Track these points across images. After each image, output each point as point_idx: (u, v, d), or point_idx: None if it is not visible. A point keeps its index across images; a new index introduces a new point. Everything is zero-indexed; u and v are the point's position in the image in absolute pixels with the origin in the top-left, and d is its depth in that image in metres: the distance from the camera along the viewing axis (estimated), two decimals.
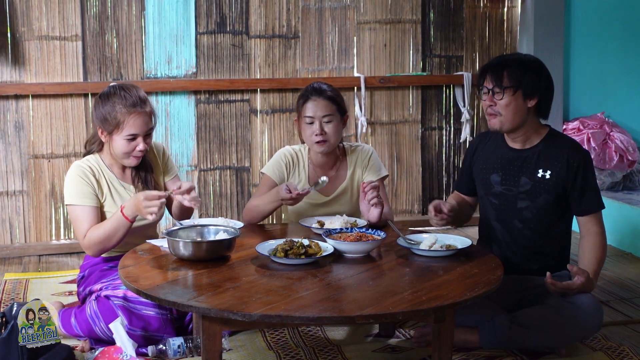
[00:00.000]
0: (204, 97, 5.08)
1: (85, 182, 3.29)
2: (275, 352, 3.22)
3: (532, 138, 3.29)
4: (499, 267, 2.86)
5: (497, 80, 3.19)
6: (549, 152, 3.26)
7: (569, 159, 3.22)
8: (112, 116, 3.25)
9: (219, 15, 5.04)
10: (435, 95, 5.48)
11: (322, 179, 3.43)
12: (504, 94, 3.18)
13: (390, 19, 5.33)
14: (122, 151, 3.28)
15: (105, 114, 3.26)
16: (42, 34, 4.78)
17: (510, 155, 3.32)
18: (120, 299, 3.15)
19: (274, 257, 2.86)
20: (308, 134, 3.52)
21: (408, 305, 2.49)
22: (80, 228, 3.27)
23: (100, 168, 3.37)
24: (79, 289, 3.44)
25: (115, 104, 3.25)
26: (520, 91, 3.18)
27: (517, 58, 3.27)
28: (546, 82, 3.24)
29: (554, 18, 5.48)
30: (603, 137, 5.38)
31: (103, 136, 3.32)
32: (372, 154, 3.67)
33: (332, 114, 3.51)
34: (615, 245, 4.94)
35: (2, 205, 4.84)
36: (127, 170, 3.41)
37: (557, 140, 3.29)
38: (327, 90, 3.55)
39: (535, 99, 3.20)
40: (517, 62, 3.22)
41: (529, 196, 3.27)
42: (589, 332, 3.19)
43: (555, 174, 3.23)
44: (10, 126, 4.80)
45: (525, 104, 3.20)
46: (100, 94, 3.33)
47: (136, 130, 3.26)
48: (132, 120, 3.25)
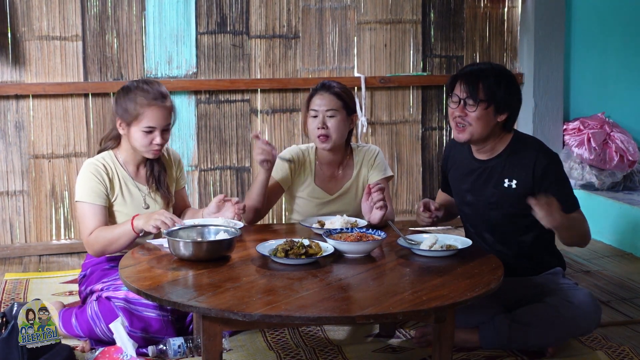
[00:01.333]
0: (205, 97, 5.08)
1: (98, 180, 3.31)
2: (275, 352, 3.22)
3: (496, 147, 3.23)
4: (499, 267, 2.86)
5: (471, 92, 3.11)
6: (513, 160, 3.20)
7: (534, 166, 3.15)
8: (132, 107, 3.27)
9: (219, 15, 5.04)
10: (435, 95, 5.48)
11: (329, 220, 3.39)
12: (477, 106, 3.11)
13: (391, 19, 5.33)
14: (140, 144, 3.30)
15: (126, 104, 3.29)
16: (43, 34, 4.78)
17: (475, 166, 3.29)
18: (121, 300, 3.15)
19: (274, 257, 2.86)
20: (312, 128, 3.54)
21: (408, 305, 2.49)
22: (87, 226, 3.28)
23: (115, 166, 3.38)
24: (81, 288, 3.44)
25: (137, 95, 3.28)
26: (493, 106, 3.12)
27: (492, 69, 3.18)
28: (517, 97, 3.20)
29: (554, 18, 5.48)
30: (603, 137, 5.38)
31: (121, 128, 3.33)
32: (379, 154, 3.68)
33: (337, 110, 3.52)
34: (615, 245, 4.94)
35: (3, 205, 4.84)
36: (142, 169, 3.42)
37: (521, 146, 3.22)
38: (335, 87, 3.57)
39: (506, 115, 3.16)
40: (493, 75, 3.14)
41: (497, 206, 3.24)
42: (587, 329, 3.19)
43: (521, 183, 3.18)
44: (10, 126, 4.80)
45: (494, 119, 3.15)
46: (123, 87, 3.37)
47: (154, 122, 3.27)
48: (151, 112, 3.27)
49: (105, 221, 3.30)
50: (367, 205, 3.37)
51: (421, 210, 3.27)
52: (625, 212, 4.96)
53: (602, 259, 4.69)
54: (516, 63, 5.58)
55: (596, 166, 5.35)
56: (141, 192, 3.41)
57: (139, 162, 3.42)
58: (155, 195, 3.44)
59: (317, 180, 3.61)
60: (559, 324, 3.09)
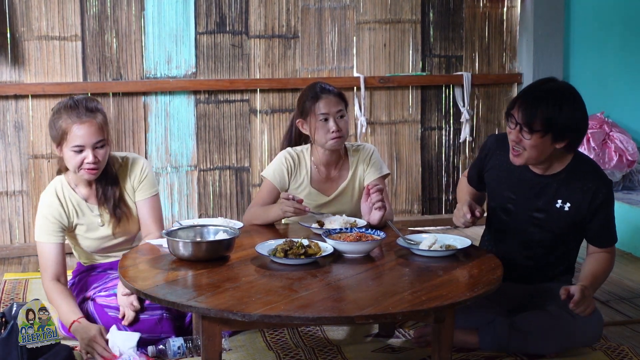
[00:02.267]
0: (204, 97, 5.08)
1: (51, 218, 3.25)
2: (275, 353, 3.22)
3: (554, 165, 3.10)
4: (498, 267, 2.86)
5: (528, 118, 2.93)
6: (571, 183, 3.09)
7: (593, 195, 3.05)
8: (59, 127, 3.16)
9: (218, 15, 5.04)
10: (434, 95, 5.48)
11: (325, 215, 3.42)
12: (532, 135, 2.95)
13: (390, 19, 5.33)
14: (72, 165, 3.18)
15: (55, 125, 3.19)
16: (42, 34, 4.78)
17: (528, 177, 3.15)
18: (114, 310, 3.16)
19: (273, 257, 2.86)
20: (323, 132, 3.53)
21: (408, 305, 2.49)
22: (44, 267, 3.27)
23: (67, 193, 3.31)
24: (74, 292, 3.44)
25: (62, 114, 3.17)
26: (551, 134, 2.95)
27: (553, 93, 2.97)
28: (580, 122, 3.01)
29: (553, 18, 5.48)
30: (602, 137, 5.38)
31: (58, 151, 3.23)
32: (374, 153, 3.68)
33: (343, 109, 3.58)
34: None
35: (2, 205, 4.84)
36: (93, 188, 3.32)
37: (582, 169, 3.10)
38: (334, 88, 3.61)
39: (565, 142, 2.98)
40: (553, 102, 2.93)
41: (542, 222, 3.15)
42: (587, 342, 3.17)
43: (575, 206, 3.09)
44: (10, 126, 4.79)
45: (552, 145, 2.99)
46: (52, 111, 3.27)
47: (81, 141, 3.13)
48: (77, 130, 3.13)
49: (62, 257, 3.27)
50: (366, 206, 3.37)
51: (468, 217, 3.08)
52: (624, 212, 4.96)
53: None
54: (515, 63, 5.58)
55: None
56: (94, 212, 3.33)
57: (87, 184, 3.32)
58: (105, 212, 3.34)
59: (313, 182, 3.61)
60: (558, 335, 3.06)
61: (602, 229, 3.14)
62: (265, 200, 3.57)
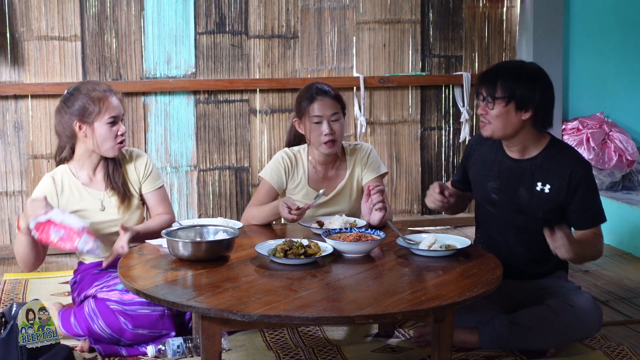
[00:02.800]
0: (204, 97, 5.08)
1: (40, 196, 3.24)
2: (274, 352, 3.22)
3: (530, 148, 3.19)
4: (498, 267, 2.87)
5: (489, 90, 3.09)
6: (548, 165, 3.16)
7: (570, 175, 3.12)
8: (89, 104, 3.27)
9: (218, 15, 5.04)
10: (434, 95, 5.48)
11: (320, 192, 3.44)
12: (494, 104, 3.09)
13: (390, 19, 5.33)
14: (106, 139, 3.29)
15: (82, 104, 3.28)
16: (42, 34, 4.78)
17: (507, 165, 3.24)
18: (114, 303, 3.15)
19: (273, 257, 2.86)
20: (316, 134, 3.52)
21: (407, 305, 2.49)
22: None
23: (63, 177, 3.35)
24: (74, 295, 3.44)
25: (90, 92, 3.29)
26: (513, 103, 3.07)
27: (514, 67, 3.16)
28: (543, 93, 3.11)
29: (553, 18, 5.48)
30: (602, 137, 5.38)
31: (82, 132, 3.29)
32: (371, 152, 3.67)
33: (338, 112, 3.55)
34: (614, 245, 4.94)
35: (2, 205, 4.84)
36: (98, 174, 3.39)
37: (558, 151, 3.19)
38: (331, 90, 3.58)
39: (530, 112, 3.09)
40: (512, 72, 3.10)
41: (526, 207, 3.20)
42: (588, 334, 3.19)
43: (555, 188, 3.15)
44: (9, 126, 4.80)
45: (518, 116, 3.09)
46: (65, 97, 3.34)
47: (116, 112, 3.30)
48: (109, 103, 3.29)
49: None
50: (366, 207, 3.37)
51: (437, 192, 3.19)
52: (624, 212, 4.96)
53: (601, 259, 4.66)
54: None
55: (595, 166, 5.35)
56: (95, 197, 3.37)
57: (94, 166, 3.39)
58: (113, 196, 3.39)
59: (310, 182, 3.61)
60: (558, 327, 3.08)
61: (583, 211, 3.15)
62: (263, 201, 3.57)
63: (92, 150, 3.34)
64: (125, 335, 3.14)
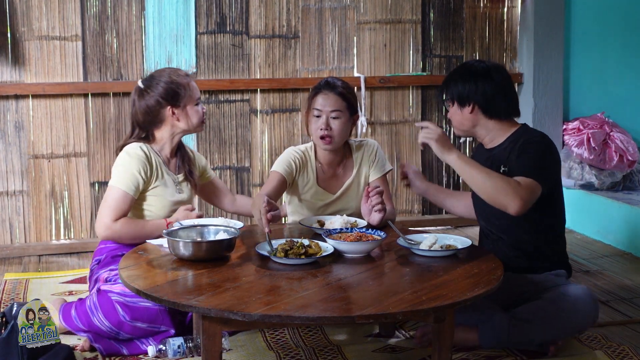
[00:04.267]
0: (204, 97, 5.08)
1: (141, 171, 3.39)
2: (275, 352, 3.23)
3: (497, 137, 3.30)
4: (499, 267, 2.87)
5: (440, 96, 3.43)
6: (512, 149, 3.23)
7: (519, 145, 3.19)
8: (180, 89, 3.47)
9: (219, 15, 5.04)
10: (435, 95, 5.48)
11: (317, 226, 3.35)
12: (445, 108, 3.38)
13: (390, 19, 5.33)
14: (197, 118, 3.53)
15: (174, 89, 3.47)
16: (42, 34, 4.78)
17: (484, 156, 3.34)
18: (117, 294, 3.15)
19: (273, 257, 2.86)
20: (314, 127, 3.50)
21: (408, 305, 2.49)
22: (114, 210, 3.35)
23: (150, 152, 3.48)
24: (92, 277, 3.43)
25: (178, 78, 3.50)
26: (456, 103, 3.30)
27: (456, 70, 3.39)
28: (481, 87, 3.25)
29: (554, 18, 5.48)
30: (603, 137, 5.38)
31: (174, 115, 3.49)
32: (378, 150, 3.66)
33: (341, 111, 3.49)
34: (615, 245, 4.94)
35: (2, 205, 4.85)
36: (172, 160, 3.58)
37: (523, 135, 3.25)
38: (340, 86, 3.52)
39: (471, 106, 3.26)
40: (452, 76, 3.34)
41: None
42: (586, 324, 3.21)
43: (510, 166, 3.19)
44: (10, 126, 4.80)
45: (465, 112, 3.28)
46: (146, 85, 3.49)
47: (198, 94, 3.57)
48: (192, 86, 3.53)
49: (127, 212, 3.39)
50: (366, 208, 3.36)
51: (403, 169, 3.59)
52: (624, 212, 4.96)
53: (601, 259, 4.69)
54: (516, 63, 5.58)
55: (596, 166, 5.35)
56: (174, 180, 3.54)
57: (170, 153, 3.57)
58: (184, 183, 3.58)
59: (319, 180, 3.60)
60: (558, 318, 3.09)
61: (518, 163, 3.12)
62: (271, 187, 3.43)
63: (177, 132, 3.54)
64: (124, 329, 3.14)
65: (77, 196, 4.90)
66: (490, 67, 3.31)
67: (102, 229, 3.36)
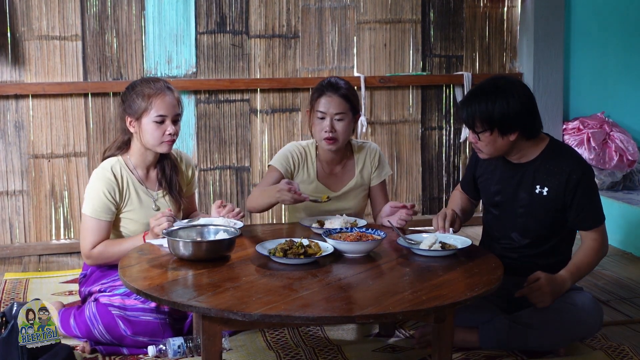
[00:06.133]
0: (204, 96, 5.08)
1: (108, 194, 3.26)
2: (275, 352, 3.23)
3: (528, 153, 3.19)
4: (499, 267, 2.86)
5: (470, 122, 3.10)
6: (547, 167, 3.16)
7: (568, 176, 3.12)
8: (140, 100, 3.25)
9: (219, 15, 5.04)
10: (435, 95, 5.48)
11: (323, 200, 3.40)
12: (478, 136, 3.11)
13: (390, 19, 5.33)
14: (152, 137, 3.26)
15: (134, 99, 3.27)
16: (42, 33, 4.78)
17: (508, 168, 3.25)
18: (117, 308, 3.15)
19: (273, 257, 2.86)
20: (318, 129, 3.51)
21: (408, 305, 2.49)
22: (90, 240, 3.27)
23: (125, 173, 3.33)
24: (81, 289, 3.44)
25: (144, 88, 3.27)
26: (497, 130, 3.07)
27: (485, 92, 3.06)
28: (521, 111, 3.06)
29: (554, 18, 5.48)
30: (603, 137, 5.38)
31: (132, 126, 3.29)
32: (381, 154, 3.69)
33: (345, 112, 3.49)
34: (615, 245, 4.94)
35: (2, 205, 4.85)
36: (152, 172, 3.40)
37: (557, 153, 3.18)
38: (343, 88, 3.51)
39: (515, 133, 3.08)
40: (485, 99, 3.04)
41: (527, 211, 3.21)
42: (588, 333, 3.19)
43: (553, 191, 3.15)
44: (10, 126, 4.80)
45: (506, 139, 3.09)
46: (127, 86, 3.36)
47: (164, 110, 3.26)
48: (159, 100, 3.25)
49: (108, 236, 3.30)
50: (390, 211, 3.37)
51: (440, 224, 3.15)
52: (624, 212, 4.96)
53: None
54: (516, 63, 5.58)
55: (596, 166, 5.35)
56: (151, 197, 3.38)
57: (149, 164, 3.38)
58: (166, 197, 3.41)
59: (319, 177, 3.61)
60: (559, 326, 3.08)
61: (582, 211, 3.14)
62: (267, 184, 3.48)
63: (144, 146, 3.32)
64: (125, 342, 3.14)
65: (77, 196, 4.90)
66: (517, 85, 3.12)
67: (84, 257, 3.32)
